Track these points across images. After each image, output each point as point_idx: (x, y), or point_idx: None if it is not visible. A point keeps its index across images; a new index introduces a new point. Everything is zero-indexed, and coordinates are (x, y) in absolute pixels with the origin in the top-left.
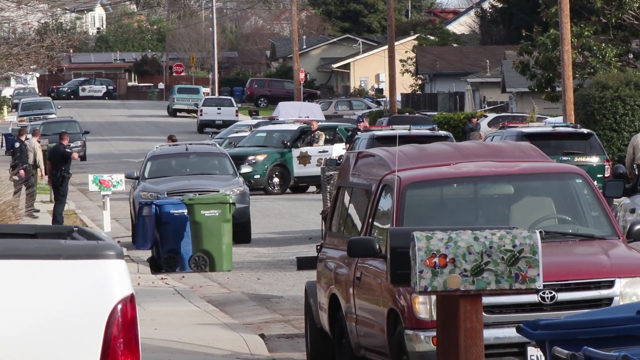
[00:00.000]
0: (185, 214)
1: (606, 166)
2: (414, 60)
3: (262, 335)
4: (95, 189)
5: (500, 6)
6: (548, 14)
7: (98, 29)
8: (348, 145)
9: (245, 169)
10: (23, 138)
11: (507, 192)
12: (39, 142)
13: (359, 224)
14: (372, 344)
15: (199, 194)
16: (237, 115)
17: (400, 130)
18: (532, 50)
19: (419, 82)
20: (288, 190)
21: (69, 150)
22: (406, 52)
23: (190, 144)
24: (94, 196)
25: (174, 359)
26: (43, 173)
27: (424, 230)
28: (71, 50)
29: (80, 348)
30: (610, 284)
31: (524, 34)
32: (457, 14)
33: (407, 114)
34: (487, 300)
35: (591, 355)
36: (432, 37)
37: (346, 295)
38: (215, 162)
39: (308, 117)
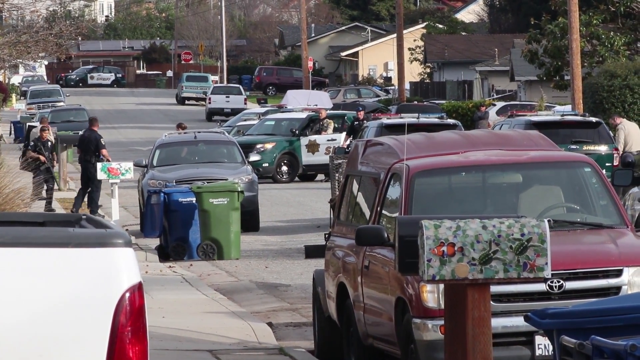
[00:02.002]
0: (194, 202)
1: (615, 155)
2: (423, 48)
3: (270, 324)
4: (104, 177)
5: None
6: (557, 2)
7: (107, 16)
8: (347, 136)
9: (254, 157)
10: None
11: (515, 180)
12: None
13: (367, 213)
14: (380, 333)
15: (207, 182)
16: (245, 104)
17: (408, 118)
18: (541, 39)
19: (428, 70)
20: (296, 178)
21: (103, 143)
22: (415, 40)
23: (199, 132)
24: (102, 184)
25: (182, 347)
26: (55, 161)
27: (433, 219)
28: (80, 38)
29: (88, 336)
30: (619, 273)
31: (532, 23)
32: (465, 2)
33: (415, 102)
34: (495, 289)
35: (599, 344)
36: (440, 26)
37: (354, 283)
38: (223, 150)
39: (316, 105)
